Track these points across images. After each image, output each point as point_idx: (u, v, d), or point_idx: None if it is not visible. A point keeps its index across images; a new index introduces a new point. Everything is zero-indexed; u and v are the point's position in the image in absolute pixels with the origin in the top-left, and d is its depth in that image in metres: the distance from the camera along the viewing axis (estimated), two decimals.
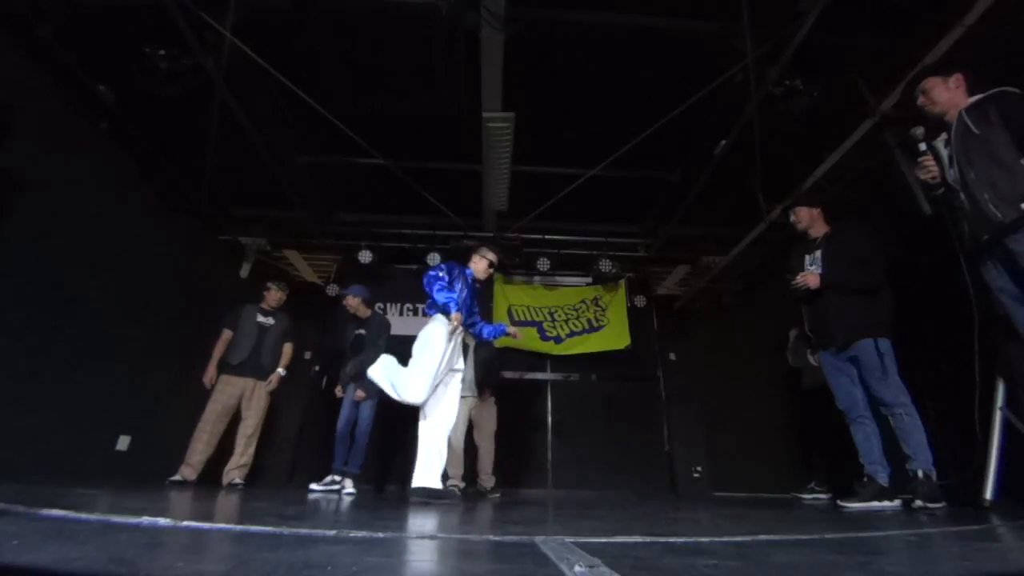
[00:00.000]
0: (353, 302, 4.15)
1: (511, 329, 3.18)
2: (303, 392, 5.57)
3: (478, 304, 3.09)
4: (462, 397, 4.13)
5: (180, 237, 4.50)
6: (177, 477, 3.60)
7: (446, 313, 2.76)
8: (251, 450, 3.93)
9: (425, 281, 2.82)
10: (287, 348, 4.24)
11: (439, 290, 2.76)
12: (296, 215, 5.05)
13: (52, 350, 3.17)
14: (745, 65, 3.09)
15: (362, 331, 4.14)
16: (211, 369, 3.92)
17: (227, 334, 4.03)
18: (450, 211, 4.84)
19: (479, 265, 3.05)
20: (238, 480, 3.83)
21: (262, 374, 4.03)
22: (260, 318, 4.12)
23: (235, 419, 3.99)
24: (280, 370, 4.13)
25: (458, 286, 2.85)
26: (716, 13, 3.03)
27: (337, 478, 3.88)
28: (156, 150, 4.02)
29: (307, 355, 5.71)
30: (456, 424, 4.13)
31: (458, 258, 3.19)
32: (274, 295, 4.25)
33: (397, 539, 1.20)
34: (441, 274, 2.82)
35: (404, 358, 2.83)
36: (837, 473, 3.84)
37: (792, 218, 2.99)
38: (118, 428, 3.77)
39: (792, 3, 2.82)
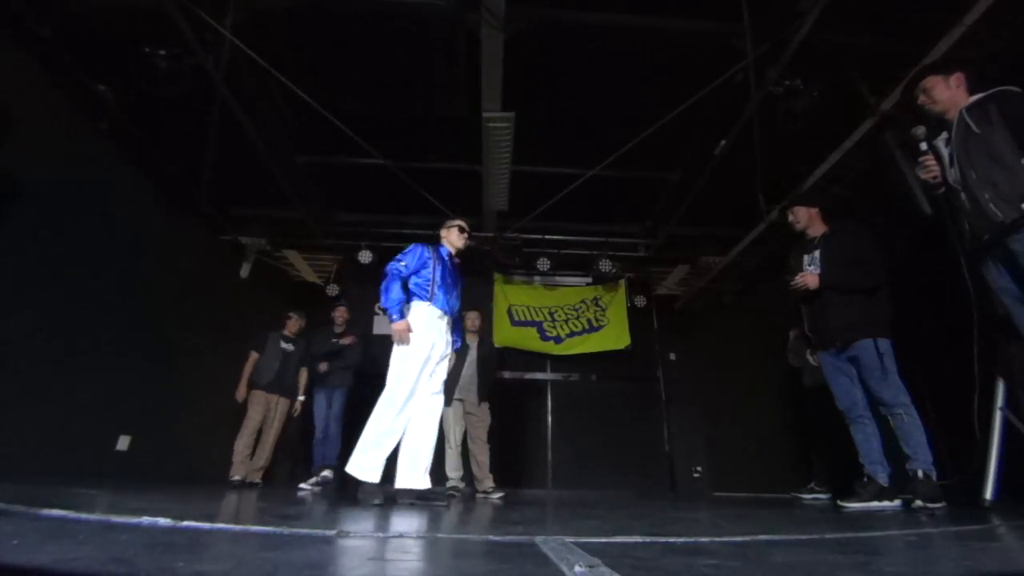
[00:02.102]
0: (345, 313, 4.77)
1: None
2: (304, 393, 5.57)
3: (460, 282, 2.88)
4: (458, 399, 4.13)
5: (180, 237, 4.51)
6: (237, 478, 4.12)
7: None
8: (269, 455, 4.47)
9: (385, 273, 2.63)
10: (303, 372, 4.67)
11: (386, 290, 2.57)
12: (296, 215, 5.05)
13: (52, 350, 3.17)
14: (745, 65, 3.09)
15: (337, 340, 4.66)
16: (241, 387, 4.40)
17: (254, 356, 4.49)
18: (450, 211, 4.83)
19: (450, 236, 2.87)
20: (257, 480, 4.33)
21: (285, 392, 4.53)
22: (283, 344, 4.59)
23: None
24: (301, 396, 4.66)
25: (430, 265, 2.70)
26: (716, 13, 3.03)
27: (327, 473, 4.30)
28: (156, 150, 4.02)
29: None
30: (453, 425, 4.13)
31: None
32: (294, 323, 4.67)
33: (397, 539, 1.20)
34: (401, 264, 2.63)
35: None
36: (837, 473, 3.84)
37: (790, 218, 2.97)
38: (118, 428, 3.77)
39: (792, 3, 2.82)
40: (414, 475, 2.50)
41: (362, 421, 2.50)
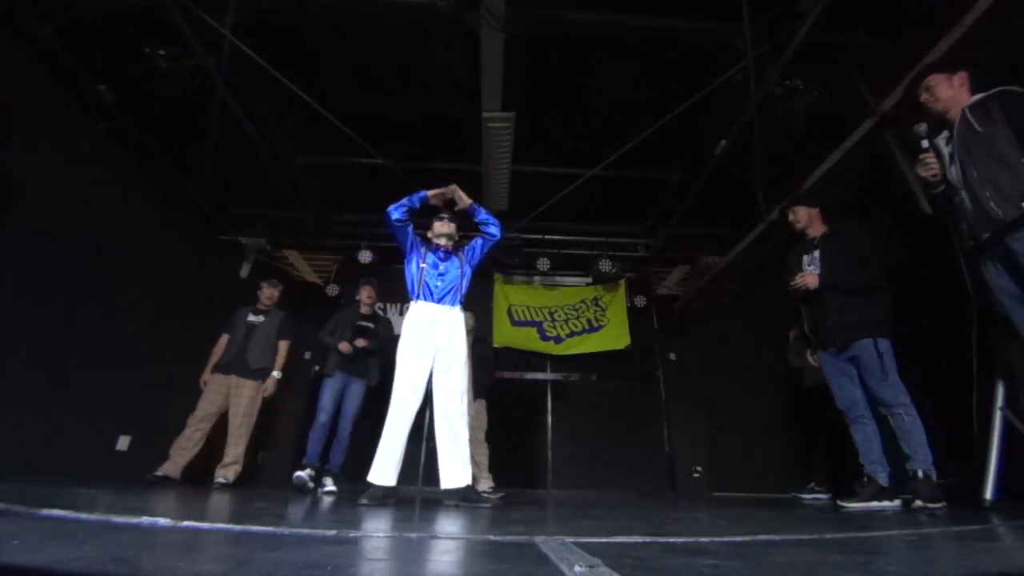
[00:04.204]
0: (372, 293, 4.21)
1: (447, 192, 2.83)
2: (303, 392, 5.57)
3: (456, 271, 2.81)
4: None
5: (180, 237, 4.51)
6: (159, 473, 3.47)
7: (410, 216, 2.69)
8: (237, 451, 3.75)
9: (387, 217, 2.68)
10: (282, 346, 4.04)
11: (394, 209, 2.65)
12: (296, 215, 5.05)
13: (52, 350, 3.17)
14: (745, 65, 3.09)
15: (366, 324, 4.10)
16: (206, 371, 3.92)
17: (224, 338, 4.00)
18: (450, 211, 4.84)
19: (432, 229, 2.85)
20: (221, 480, 3.63)
21: (247, 372, 3.87)
22: (251, 317, 4.04)
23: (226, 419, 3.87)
24: (275, 373, 3.97)
25: (419, 254, 2.74)
26: (716, 13, 3.03)
27: (331, 487, 3.58)
28: (156, 150, 4.02)
29: (307, 355, 5.71)
30: None
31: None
32: (266, 293, 4.16)
33: (397, 539, 1.20)
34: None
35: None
36: (837, 473, 3.84)
37: (791, 217, 2.97)
38: (118, 428, 3.77)
39: (792, 3, 2.82)
40: (445, 476, 2.50)
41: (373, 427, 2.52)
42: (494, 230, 2.82)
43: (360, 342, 3.87)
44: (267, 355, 3.96)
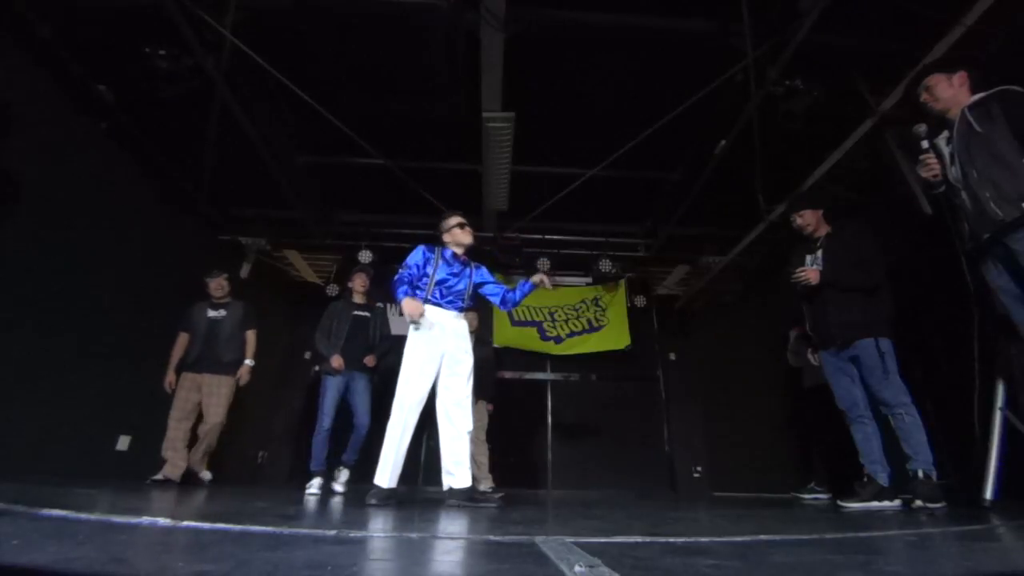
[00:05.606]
0: (366, 281, 4.08)
1: (539, 279, 2.77)
2: (303, 392, 5.57)
3: (468, 278, 2.82)
4: None
5: (180, 237, 4.50)
6: (160, 476, 3.50)
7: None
8: (211, 440, 3.74)
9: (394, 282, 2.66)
10: (250, 335, 3.96)
11: (395, 291, 2.60)
12: (296, 215, 5.05)
13: (52, 350, 3.17)
14: (745, 65, 3.09)
15: (362, 314, 4.01)
16: (169, 373, 3.78)
17: (183, 337, 3.89)
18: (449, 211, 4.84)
19: (456, 236, 2.82)
20: (206, 476, 3.71)
21: (220, 367, 3.81)
22: (210, 313, 3.93)
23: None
24: (248, 361, 3.90)
25: (432, 264, 2.71)
26: (716, 13, 3.03)
27: (338, 487, 3.62)
28: (156, 150, 4.02)
29: (307, 355, 5.71)
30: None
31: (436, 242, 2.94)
32: (212, 286, 3.98)
33: (397, 539, 1.20)
34: (405, 271, 2.68)
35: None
36: (837, 473, 3.84)
37: (799, 221, 2.91)
38: (118, 428, 3.77)
39: (792, 3, 2.82)
40: (448, 476, 2.53)
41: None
42: (507, 303, 2.88)
43: (370, 361, 3.84)
44: (236, 348, 3.90)
